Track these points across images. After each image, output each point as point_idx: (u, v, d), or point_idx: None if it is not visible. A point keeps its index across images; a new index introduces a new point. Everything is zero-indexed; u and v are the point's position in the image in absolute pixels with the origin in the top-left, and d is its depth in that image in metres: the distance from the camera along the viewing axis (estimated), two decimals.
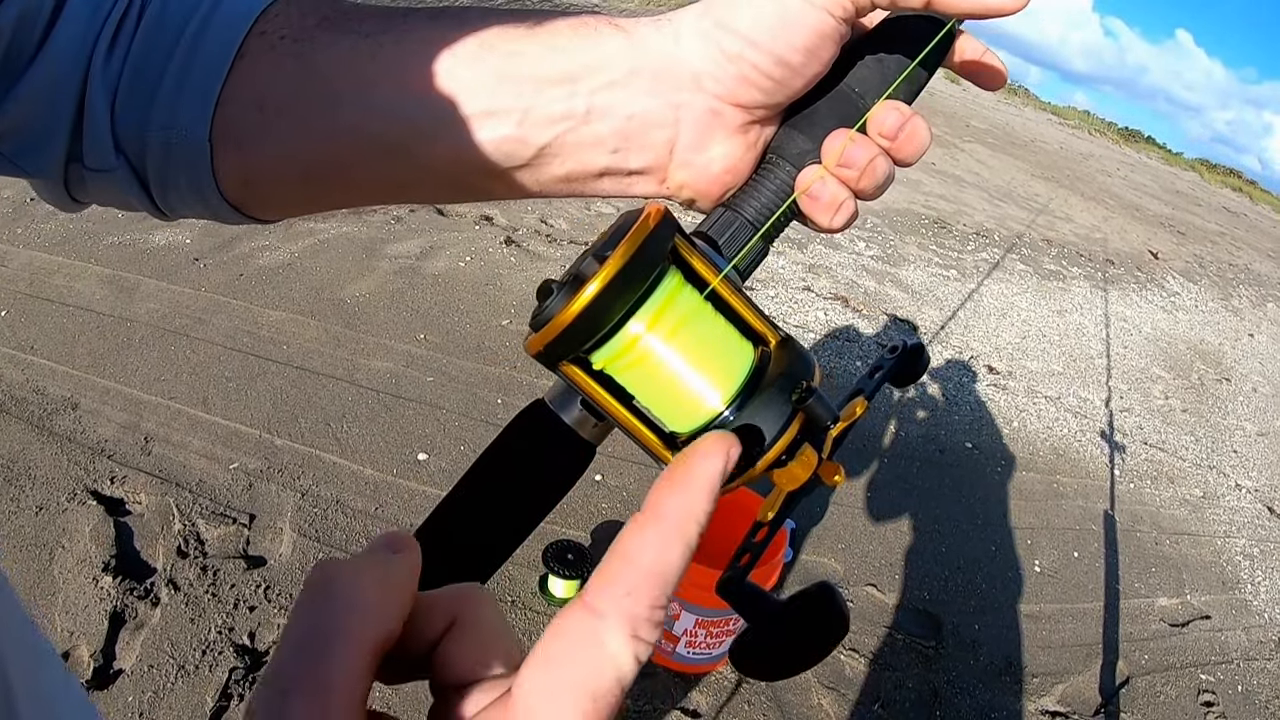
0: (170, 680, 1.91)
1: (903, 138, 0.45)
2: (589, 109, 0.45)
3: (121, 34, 0.48)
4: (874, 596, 2.72)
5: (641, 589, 0.27)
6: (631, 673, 0.27)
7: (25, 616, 0.46)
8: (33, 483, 2.31)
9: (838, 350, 4.33)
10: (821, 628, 0.39)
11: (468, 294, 3.84)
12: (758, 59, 0.43)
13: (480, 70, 0.46)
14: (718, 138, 0.47)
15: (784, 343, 0.42)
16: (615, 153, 0.47)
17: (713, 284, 0.41)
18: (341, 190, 0.52)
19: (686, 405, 0.40)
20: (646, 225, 0.37)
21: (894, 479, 3.35)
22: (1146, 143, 20.62)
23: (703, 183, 0.48)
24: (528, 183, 0.49)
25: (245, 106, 0.48)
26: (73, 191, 0.52)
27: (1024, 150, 12.06)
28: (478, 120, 0.46)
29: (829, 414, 0.39)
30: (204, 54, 0.47)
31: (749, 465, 0.39)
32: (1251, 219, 14.68)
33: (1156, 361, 5.76)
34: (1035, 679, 2.61)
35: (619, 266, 0.36)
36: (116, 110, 0.48)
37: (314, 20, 0.49)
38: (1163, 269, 8.36)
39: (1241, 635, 3.18)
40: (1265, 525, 4.09)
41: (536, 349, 0.38)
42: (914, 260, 5.97)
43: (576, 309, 0.36)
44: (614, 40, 0.46)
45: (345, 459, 2.65)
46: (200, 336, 3.08)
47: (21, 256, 3.34)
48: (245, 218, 0.53)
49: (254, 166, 0.49)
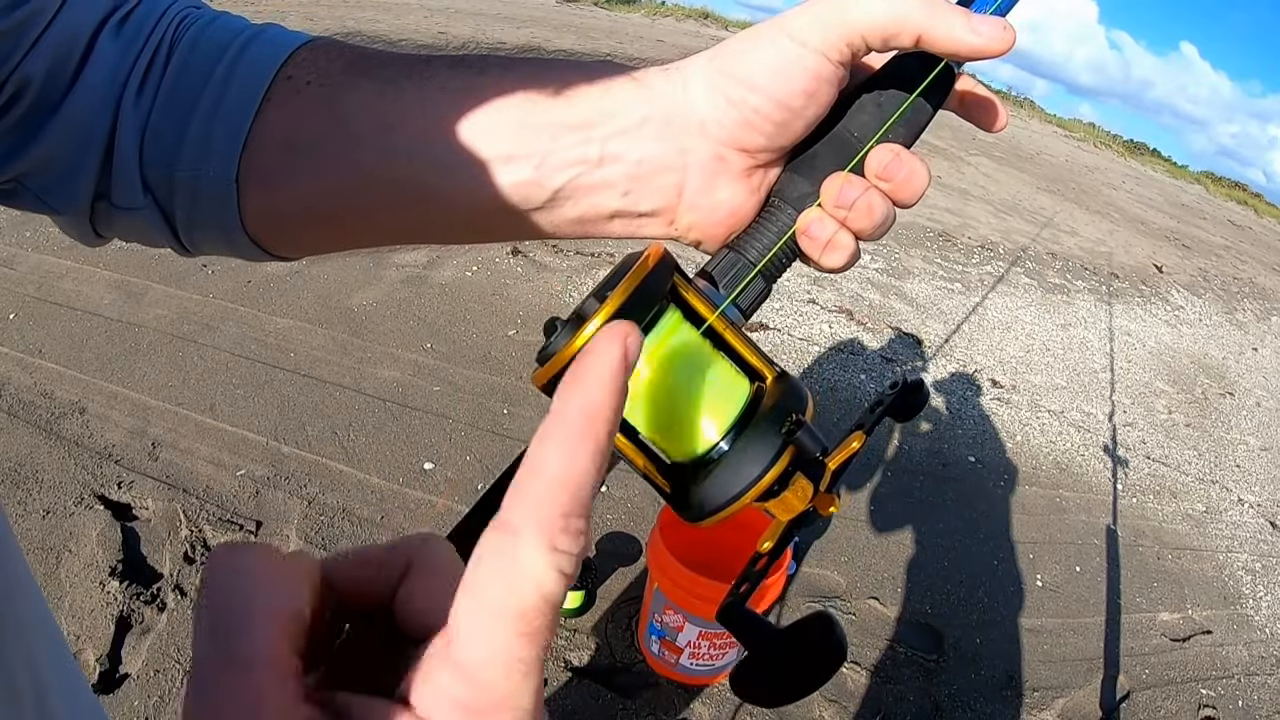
0: (176, 685, 1.92)
1: (900, 179, 0.46)
2: (602, 155, 0.47)
3: (150, 75, 0.49)
4: (876, 609, 2.73)
5: (552, 497, 0.25)
6: (556, 586, 0.25)
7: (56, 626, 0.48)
8: (40, 487, 2.32)
9: (842, 364, 4.34)
10: (819, 656, 0.40)
11: (474, 304, 3.86)
12: (759, 103, 0.45)
13: (501, 116, 0.47)
14: (723, 182, 0.48)
15: (779, 378, 0.44)
16: (626, 195, 0.48)
17: (709, 320, 0.43)
18: (363, 231, 0.53)
19: (683, 436, 0.42)
20: (646, 266, 0.40)
21: (897, 492, 3.36)
22: (1152, 155, 20.61)
23: (709, 225, 0.50)
24: (543, 224, 0.50)
25: (272, 148, 0.49)
26: (97, 228, 0.53)
27: (1029, 163, 12.07)
28: (497, 164, 0.47)
29: (817, 445, 0.41)
30: (232, 96, 0.49)
31: (743, 491, 0.41)
32: (1257, 232, 14.67)
33: (1160, 376, 5.76)
34: (1036, 693, 2.62)
35: (618, 304, 0.38)
36: (145, 150, 0.49)
37: (340, 66, 0.50)
38: (1167, 283, 8.36)
39: (1243, 650, 3.18)
40: (1267, 540, 4.08)
41: (542, 382, 0.40)
42: (918, 273, 5.99)
43: (578, 345, 0.38)
44: (627, 89, 0.47)
45: (352, 467, 2.67)
46: (208, 343, 3.10)
47: (30, 260, 3.36)
48: (268, 255, 0.55)
49: (279, 206, 0.51)
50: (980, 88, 0.49)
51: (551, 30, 11.37)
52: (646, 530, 2.49)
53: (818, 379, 4.11)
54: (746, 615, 0.42)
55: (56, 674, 0.52)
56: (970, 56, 0.44)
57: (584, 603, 2.37)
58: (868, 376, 4.26)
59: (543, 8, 13.52)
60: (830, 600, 2.69)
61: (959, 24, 0.43)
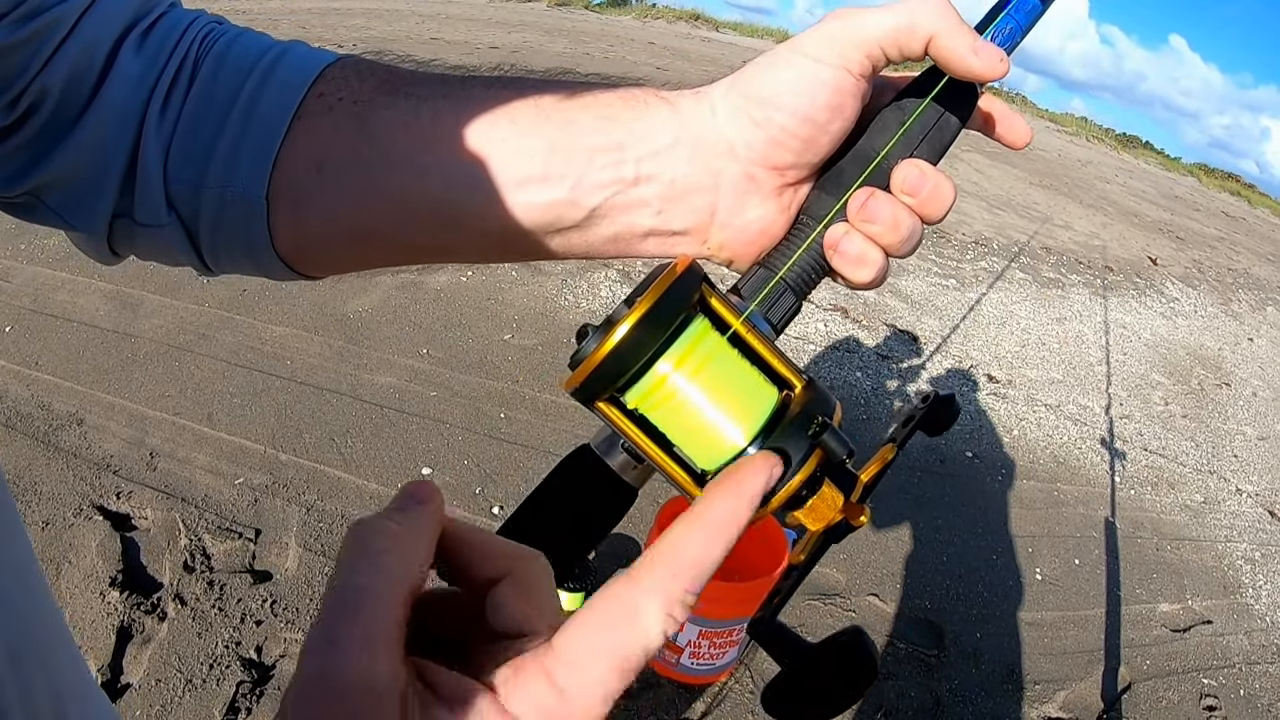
0: (178, 694, 1.92)
1: (925, 194, 0.47)
2: (637, 175, 0.48)
3: (175, 91, 0.49)
4: (876, 606, 2.73)
5: (683, 574, 0.31)
6: (658, 644, 0.30)
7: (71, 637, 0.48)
8: (39, 498, 2.32)
9: (838, 361, 4.34)
10: (853, 673, 0.40)
11: (470, 308, 3.86)
12: (784, 120, 0.46)
13: (537, 137, 0.48)
14: (754, 201, 0.49)
15: (808, 385, 0.44)
16: (660, 214, 0.49)
17: (735, 326, 0.43)
18: (394, 249, 0.53)
19: (711, 440, 0.42)
20: (674, 273, 0.41)
21: (895, 489, 3.37)
22: (1144, 148, 20.62)
23: (740, 244, 0.50)
24: (576, 244, 0.51)
25: (303, 166, 0.49)
26: (116, 246, 0.53)
27: (1022, 158, 12.08)
28: (533, 185, 0.48)
29: (844, 447, 0.41)
30: (262, 113, 0.49)
31: (769, 497, 0.41)
32: (1250, 223, 14.70)
33: (1156, 368, 5.77)
34: (1037, 686, 2.62)
35: (646, 309, 0.39)
36: (170, 166, 0.49)
37: (372, 84, 0.50)
38: (1162, 275, 8.38)
39: (1243, 639, 3.18)
40: (1266, 529, 4.09)
41: (573, 386, 0.41)
42: (913, 270, 5.99)
43: (607, 348, 0.39)
44: (659, 111, 0.48)
45: (350, 474, 2.67)
46: (204, 352, 3.10)
47: (25, 272, 3.36)
48: (296, 275, 0.55)
49: (310, 225, 0.51)
50: (1001, 105, 0.50)
51: (543, 34, 11.39)
52: (645, 531, 2.49)
53: (815, 378, 4.11)
54: (779, 629, 0.42)
55: (74, 685, 0.52)
56: (966, 75, 0.45)
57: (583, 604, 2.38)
58: (864, 374, 4.27)
59: (534, 11, 13.54)
60: (830, 597, 2.69)
61: (965, 41, 0.44)
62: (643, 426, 0.42)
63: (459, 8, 11.92)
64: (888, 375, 4.34)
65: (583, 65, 9.62)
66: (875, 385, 4.18)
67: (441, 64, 0.55)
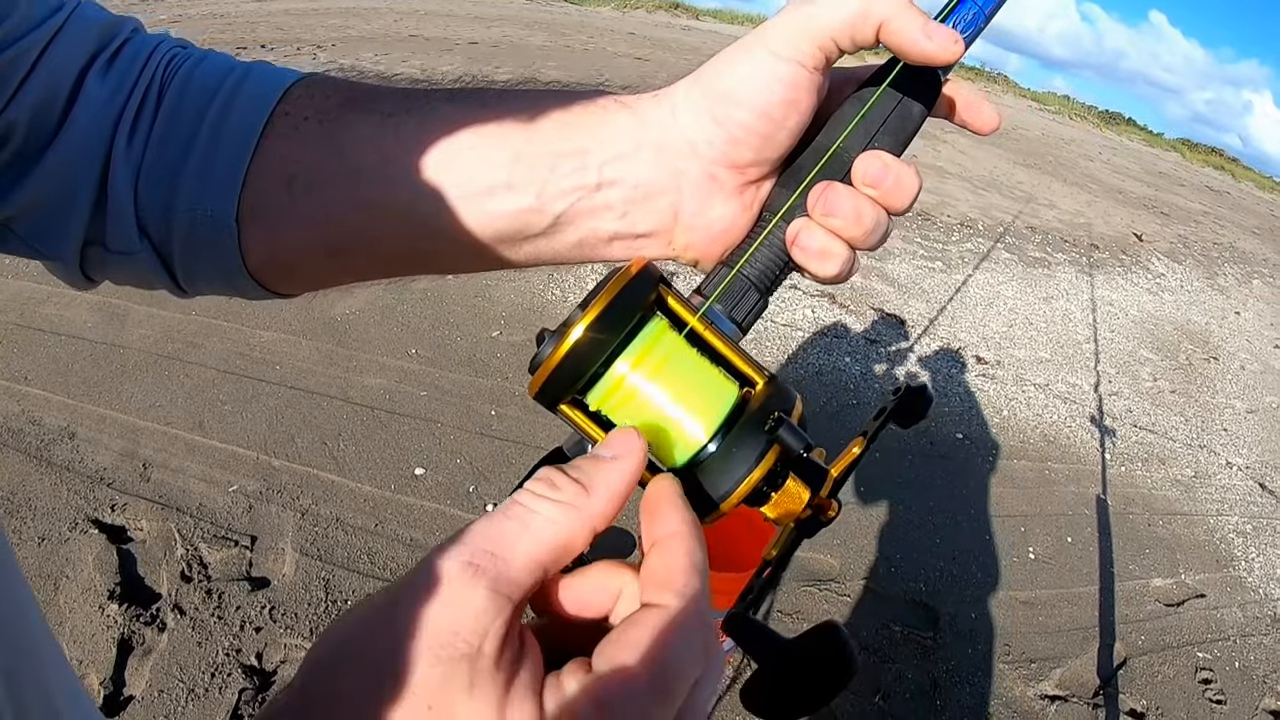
0: (180, 704, 1.93)
1: (888, 185, 0.47)
2: (600, 181, 0.48)
3: (142, 117, 0.49)
4: (870, 590, 2.75)
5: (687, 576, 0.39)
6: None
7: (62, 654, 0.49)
8: (34, 514, 2.32)
9: (826, 348, 4.36)
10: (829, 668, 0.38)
11: (457, 307, 3.86)
12: (742, 117, 0.46)
13: (500, 146, 0.48)
14: (717, 201, 0.49)
15: (769, 381, 0.45)
16: (624, 218, 0.50)
17: (691, 323, 0.44)
18: (366, 263, 0.54)
19: (673, 438, 0.43)
20: (628, 274, 0.41)
21: (886, 473, 3.39)
22: (1127, 125, 20.67)
23: (704, 244, 0.51)
24: (543, 250, 0.52)
25: (273, 184, 0.49)
26: (89, 272, 0.53)
27: (1005, 138, 12.10)
28: (498, 193, 0.48)
29: (800, 442, 0.41)
30: (229, 133, 0.49)
31: (730, 491, 0.42)
32: (1235, 197, 14.76)
33: (1144, 344, 5.80)
34: (1034, 664, 2.65)
35: (599, 311, 0.40)
36: (140, 193, 0.49)
37: (337, 100, 0.51)
38: (1148, 251, 8.41)
39: (1237, 612, 3.22)
40: (1257, 502, 4.13)
41: (534, 390, 0.42)
42: (898, 254, 6.01)
43: (563, 351, 0.40)
44: (620, 117, 0.49)
45: (343, 477, 2.68)
46: (193, 360, 3.10)
47: (11, 287, 3.35)
48: (269, 293, 0.55)
49: (281, 243, 0.51)
50: (968, 91, 0.50)
51: (522, 28, 11.35)
52: (635, 524, 2.50)
53: (802, 364, 4.13)
54: (753, 625, 0.41)
55: (67, 702, 0.52)
56: (920, 59, 0.45)
57: None
58: (852, 359, 4.28)
59: (512, 6, 13.48)
60: (824, 583, 2.71)
61: (916, 25, 0.44)
62: (607, 428, 0.42)
63: (436, 4, 11.87)
64: (876, 360, 4.35)
65: (563, 58, 9.60)
66: (863, 370, 4.20)
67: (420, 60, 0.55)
